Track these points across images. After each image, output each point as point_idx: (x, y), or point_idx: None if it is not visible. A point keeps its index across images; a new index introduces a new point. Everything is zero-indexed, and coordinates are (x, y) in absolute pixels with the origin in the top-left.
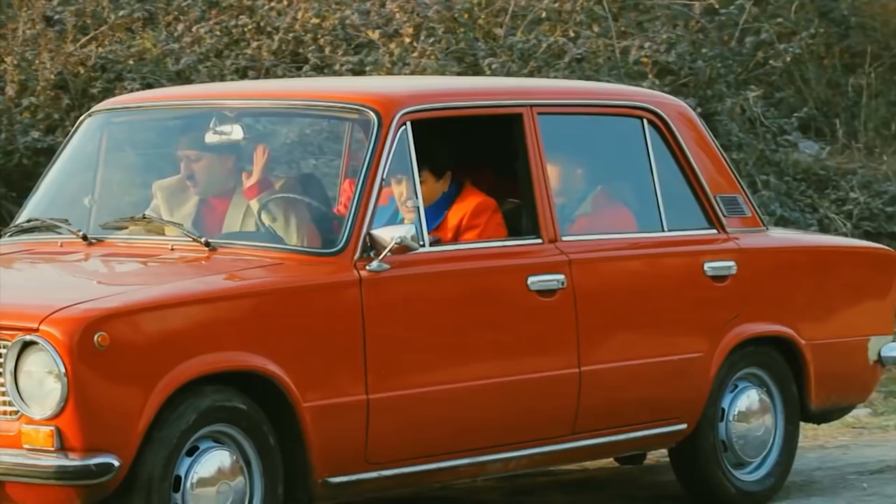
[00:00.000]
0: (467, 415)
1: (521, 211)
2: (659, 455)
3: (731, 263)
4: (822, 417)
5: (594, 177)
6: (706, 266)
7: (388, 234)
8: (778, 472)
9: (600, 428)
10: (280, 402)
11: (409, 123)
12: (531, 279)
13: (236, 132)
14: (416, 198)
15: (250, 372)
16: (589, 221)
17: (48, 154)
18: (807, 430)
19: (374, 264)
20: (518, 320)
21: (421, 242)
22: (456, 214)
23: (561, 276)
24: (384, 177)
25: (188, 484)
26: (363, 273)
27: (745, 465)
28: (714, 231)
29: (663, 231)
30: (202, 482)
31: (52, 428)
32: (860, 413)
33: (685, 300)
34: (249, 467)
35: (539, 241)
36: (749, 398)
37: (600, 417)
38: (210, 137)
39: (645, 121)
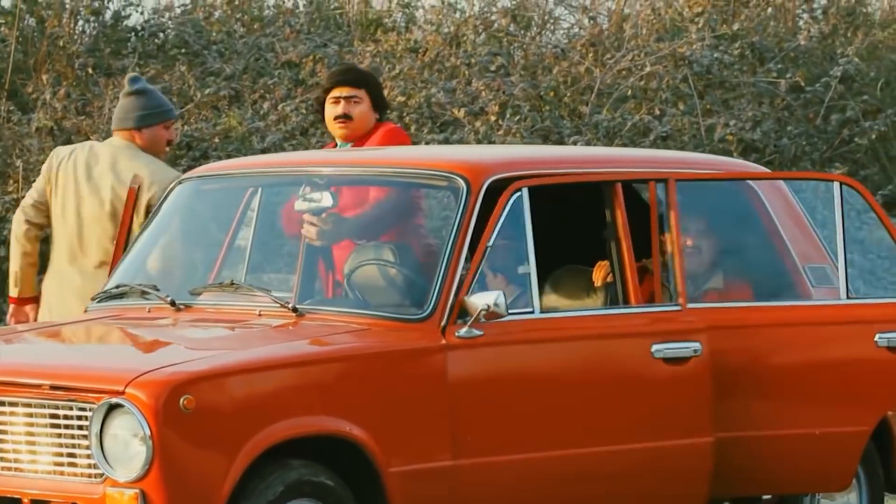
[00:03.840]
0: (553, 485)
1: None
2: None
3: None
4: None
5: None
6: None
7: (478, 301)
8: None
9: None
10: (365, 467)
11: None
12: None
13: (326, 199)
14: (528, 264)
15: (335, 437)
16: (719, 297)
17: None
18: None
19: (463, 331)
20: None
21: (529, 308)
22: None
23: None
24: (490, 244)
25: None
26: (451, 339)
27: None
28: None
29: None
30: None
31: (137, 491)
32: None
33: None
34: None
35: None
36: None
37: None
38: (300, 205)
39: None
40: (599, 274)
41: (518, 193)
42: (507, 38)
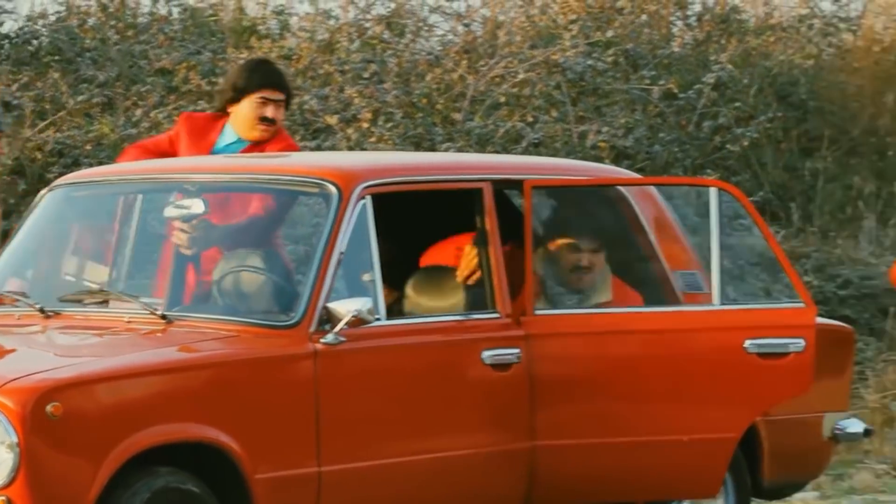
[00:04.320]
0: (419, 489)
1: (481, 284)
2: None
3: None
4: (774, 493)
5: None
6: None
7: (345, 308)
8: None
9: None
10: (232, 474)
11: (369, 197)
12: (486, 353)
13: (197, 206)
14: (373, 271)
15: (203, 444)
16: (605, 305)
17: (3, 239)
18: None
19: (330, 337)
20: (473, 394)
21: (377, 316)
22: None
23: (516, 351)
24: (343, 251)
25: None
26: (318, 346)
27: None
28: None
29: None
30: None
31: (3, 498)
32: (808, 496)
33: None
34: None
35: (496, 315)
36: None
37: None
38: (170, 211)
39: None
40: (463, 271)
41: (363, 201)
42: (380, 46)
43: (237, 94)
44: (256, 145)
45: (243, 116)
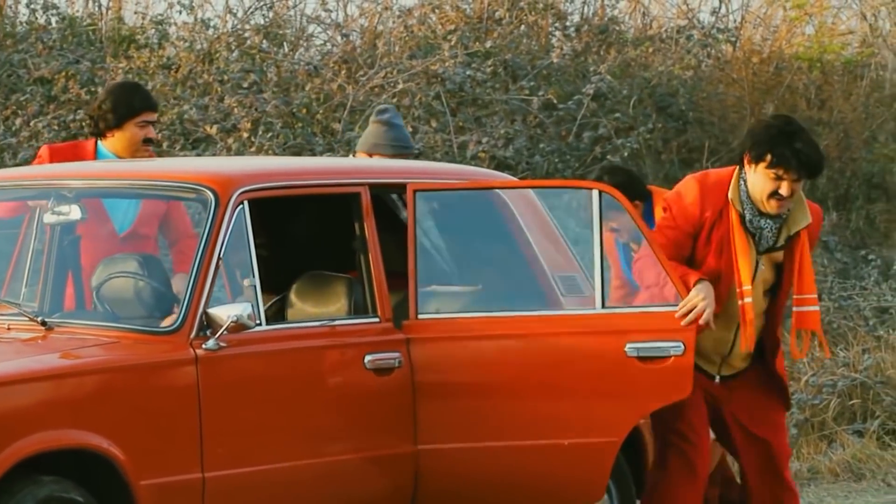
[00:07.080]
0: (303, 494)
1: (361, 289)
2: None
3: None
4: None
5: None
6: None
7: (225, 313)
8: None
9: None
10: (116, 481)
11: (246, 202)
12: (368, 357)
13: (74, 212)
14: (253, 277)
15: (86, 451)
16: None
17: None
18: None
19: (210, 343)
20: (355, 399)
21: (257, 321)
22: None
23: (397, 355)
24: (221, 256)
25: None
26: (199, 351)
27: None
28: None
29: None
30: None
31: None
32: None
33: None
34: None
35: (377, 319)
36: None
37: (444, 497)
38: (48, 218)
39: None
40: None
41: (240, 206)
42: (259, 55)
43: (119, 119)
44: None
45: (128, 139)
